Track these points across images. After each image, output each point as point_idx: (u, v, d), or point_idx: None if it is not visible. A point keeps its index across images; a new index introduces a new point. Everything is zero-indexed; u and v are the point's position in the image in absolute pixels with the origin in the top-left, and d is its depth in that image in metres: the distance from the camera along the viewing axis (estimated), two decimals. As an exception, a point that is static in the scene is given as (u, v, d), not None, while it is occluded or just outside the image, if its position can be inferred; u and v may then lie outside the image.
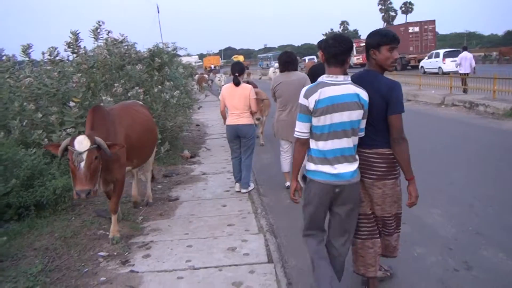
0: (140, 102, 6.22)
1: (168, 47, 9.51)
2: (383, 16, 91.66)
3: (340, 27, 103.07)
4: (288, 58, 6.01)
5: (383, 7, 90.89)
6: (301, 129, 2.95)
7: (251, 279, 3.65)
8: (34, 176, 5.12)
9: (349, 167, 2.92)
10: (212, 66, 40.71)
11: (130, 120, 4.93)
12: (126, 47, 8.79)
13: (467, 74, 15.97)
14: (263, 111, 8.60)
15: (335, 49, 2.87)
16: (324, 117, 2.84)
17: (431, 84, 17.28)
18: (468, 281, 3.54)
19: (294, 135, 3.02)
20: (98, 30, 8.08)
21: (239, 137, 6.17)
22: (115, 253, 4.25)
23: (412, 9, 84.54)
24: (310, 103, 2.85)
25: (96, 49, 8.07)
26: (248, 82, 11.74)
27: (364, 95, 2.88)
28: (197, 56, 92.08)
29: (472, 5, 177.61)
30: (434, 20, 32.91)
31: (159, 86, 8.16)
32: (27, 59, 8.01)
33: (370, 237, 3.20)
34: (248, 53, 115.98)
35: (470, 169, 6.74)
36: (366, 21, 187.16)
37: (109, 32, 8.44)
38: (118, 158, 4.35)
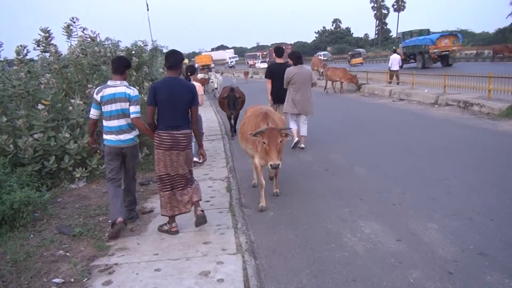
0: None
1: (147, 45, 8.97)
2: (375, 14, 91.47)
3: (332, 25, 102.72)
4: (299, 55, 8.53)
5: (375, 5, 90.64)
6: (93, 113, 4.71)
7: (223, 312, 3.18)
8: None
9: (129, 136, 4.76)
10: (197, 65, 39.11)
11: None
12: (105, 45, 8.27)
13: (397, 70, 20.02)
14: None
15: (116, 65, 4.79)
16: (108, 106, 4.61)
17: (424, 82, 16.86)
18: (472, 314, 3.09)
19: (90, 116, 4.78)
20: (71, 27, 7.58)
21: None
22: (72, 280, 3.75)
23: (404, 7, 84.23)
24: (98, 97, 4.63)
25: (69, 48, 7.56)
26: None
27: (129, 91, 4.68)
28: (232, 50, 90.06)
29: (464, 3, 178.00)
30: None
31: (137, 87, 7.63)
32: (-4, 59, 7.49)
33: (171, 189, 4.63)
34: (241, 51, 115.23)
35: (467, 175, 6.28)
36: (359, 19, 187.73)
37: (84, 29, 7.93)
38: None
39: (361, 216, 4.99)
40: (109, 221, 5.19)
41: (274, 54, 9.01)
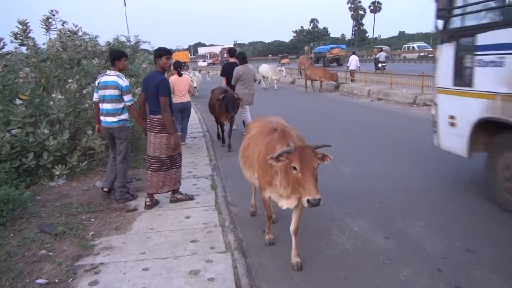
0: None
1: (130, 41, 8.79)
2: (352, 14, 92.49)
3: (310, 25, 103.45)
4: (244, 55, 9.68)
5: (352, 6, 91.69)
6: (94, 96, 5.58)
7: (216, 312, 3.12)
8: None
9: (113, 119, 5.41)
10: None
11: None
12: (83, 39, 8.06)
13: (354, 70, 22.49)
14: None
15: (112, 56, 5.52)
16: (102, 91, 5.40)
17: (402, 83, 17.10)
18: (464, 310, 3.12)
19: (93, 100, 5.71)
20: (50, 20, 7.33)
21: (182, 111, 8.76)
22: (57, 280, 3.62)
23: (380, 8, 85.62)
24: (96, 83, 5.49)
25: (48, 41, 7.33)
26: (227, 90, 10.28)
27: (120, 81, 5.34)
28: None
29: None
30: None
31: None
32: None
33: (156, 171, 5.32)
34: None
35: (449, 174, 6.40)
36: (336, 19, 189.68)
37: (64, 22, 7.70)
38: None
39: (349, 214, 4.99)
40: (92, 219, 5.08)
41: (226, 54, 12.07)
